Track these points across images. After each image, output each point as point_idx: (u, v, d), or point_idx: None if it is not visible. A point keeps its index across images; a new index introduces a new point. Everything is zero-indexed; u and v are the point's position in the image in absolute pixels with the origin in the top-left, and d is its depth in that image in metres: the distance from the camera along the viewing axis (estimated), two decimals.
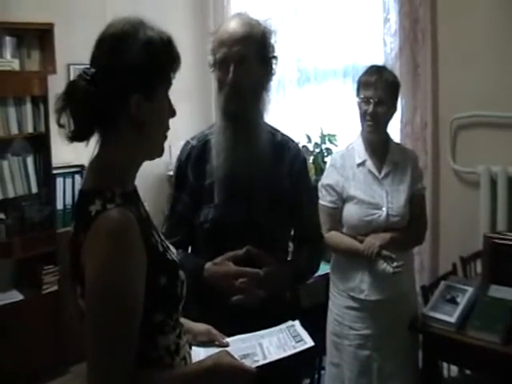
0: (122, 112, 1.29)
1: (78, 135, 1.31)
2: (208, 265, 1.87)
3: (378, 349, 2.59)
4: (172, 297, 1.36)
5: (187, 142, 1.98)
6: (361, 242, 2.52)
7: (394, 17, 3.67)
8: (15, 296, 3.76)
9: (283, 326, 1.73)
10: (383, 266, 2.45)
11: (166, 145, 4.69)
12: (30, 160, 3.82)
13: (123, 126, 1.31)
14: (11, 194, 3.74)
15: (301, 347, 1.58)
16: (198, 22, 4.92)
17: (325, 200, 2.64)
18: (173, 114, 1.39)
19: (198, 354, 1.55)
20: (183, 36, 4.87)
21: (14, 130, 3.74)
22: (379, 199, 2.56)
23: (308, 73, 4.25)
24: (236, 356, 1.48)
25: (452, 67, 3.55)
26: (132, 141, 1.31)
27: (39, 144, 3.85)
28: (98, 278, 1.20)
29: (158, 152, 1.40)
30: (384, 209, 2.54)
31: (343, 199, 2.61)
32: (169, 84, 1.37)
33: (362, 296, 2.58)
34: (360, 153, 2.62)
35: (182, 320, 1.50)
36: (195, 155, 1.94)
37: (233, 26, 1.87)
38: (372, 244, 2.46)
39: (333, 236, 2.62)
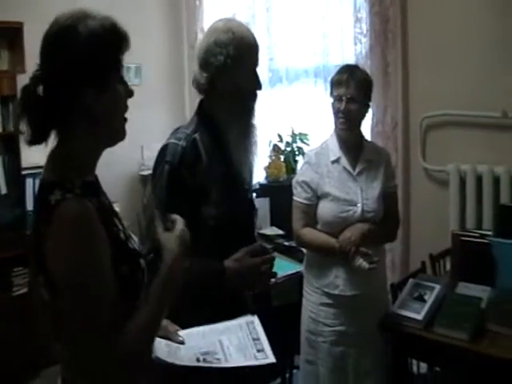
0: (76, 109, 1.28)
1: (35, 139, 1.31)
2: (229, 263, 1.89)
3: (353, 345, 2.60)
4: (133, 285, 1.36)
5: (175, 144, 1.92)
6: (336, 238, 2.54)
7: (364, 16, 3.70)
8: None
9: (242, 320, 1.73)
10: (359, 261, 2.46)
11: (138, 145, 4.68)
12: None
13: (79, 122, 1.29)
14: None
15: (262, 361, 1.59)
16: (170, 23, 4.90)
17: (299, 197, 2.65)
18: (131, 93, 1.37)
19: (160, 343, 1.56)
20: (157, 37, 4.87)
21: None
22: (354, 196, 2.57)
23: (279, 72, 4.25)
24: (197, 353, 1.51)
25: (422, 66, 3.60)
26: (90, 132, 1.31)
27: (8, 144, 3.79)
28: (67, 266, 1.21)
29: (120, 136, 1.38)
30: (359, 205, 2.56)
31: (318, 196, 2.62)
32: (120, 66, 1.34)
33: (336, 291, 2.59)
34: (334, 150, 2.64)
35: None
36: (189, 156, 1.90)
37: (251, 32, 1.98)
38: (349, 242, 2.48)
39: (307, 233, 2.63)
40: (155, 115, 4.74)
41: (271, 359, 1.60)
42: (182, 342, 1.61)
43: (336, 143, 2.65)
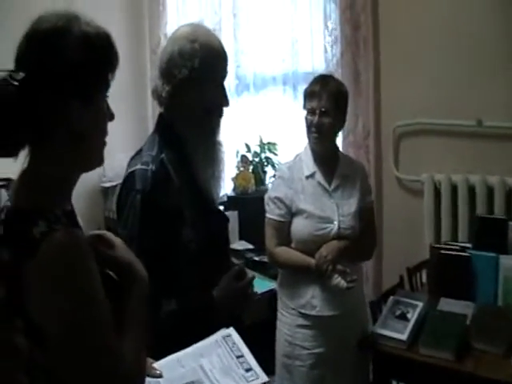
0: (58, 122, 1.13)
1: (4, 151, 1.13)
2: (217, 293, 1.78)
3: (330, 367, 2.48)
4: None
5: (143, 170, 1.73)
6: (312, 257, 2.41)
7: (335, 23, 3.61)
8: None
9: (218, 335, 1.56)
10: (337, 280, 2.35)
11: None
12: None
13: (59, 137, 1.14)
14: None
15: (254, 382, 1.43)
16: (132, 27, 4.72)
17: (273, 213, 2.52)
18: (112, 117, 1.23)
19: None
20: (117, 42, 4.67)
21: None
22: (330, 213, 2.46)
23: (247, 80, 4.12)
24: None
25: (394, 75, 3.52)
26: (69, 153, 1.15)
27: None
28: (64, 315, 1.05)
29: (98, 161, 1.24)
30: (335, 222, 2.45)
31: (292, 213, 2.49)
32: (107, 85, 1.20)
33: (313, 312, 2.47)
34: (308, 165, 2.52)
35: None
36: (160, 180, 1.73)
37: (219, 41, 1.86)
38: (326, 260, 2.36)
39: (281, 252, 2.50)
40: (117, 124, 4.43)
41: (263, 378, 1.46)
42: (159, 376, 1.44)
43: (310, 157, 2.53)
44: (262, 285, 3.13)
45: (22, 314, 1.08)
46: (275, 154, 4.11)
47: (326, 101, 2.43)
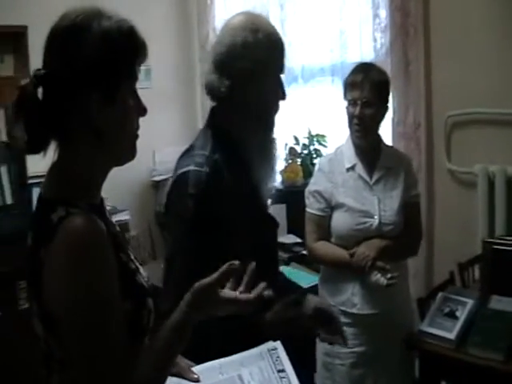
0: (77, 117, 1.13)
1: (33, 147, 1.16)
2: (269, 316, 1.68)
3: (371, 366, 2.43)
4: (137, 325, 1.18)
5: (198, 172, 1.63)
6: (351, 253, 2.35)
7: (384, 11, 3.51)
8: None
9: (264, 347, 1.53)
10: (376, 277, 2.28)
11: (150, 150, 4.52)
12: (3, 170, 3.64)
13: (82, 133, 1.15)
14: None
15: None
16: (180, 22, 4.74)
17: (312, 208, 2.47)
18: (143, 112, 1.21)
19: (170, 382, 1.35)
20: (166, 37, 4.70)
21: None
22: (370, 207, 2.40)
23: (295, 71, 4.06)
24: None
25: (446, 63, 3.38)
26: (93, 148, 1.16)
27: (14, 153, 3.65)
28: (70, 296, 1.04)
29: (128, 156, 1.22)
30: (376, 217, 2.38)
31: (332, 207, 2.43)
32: (133, 79, 1.19)
33: (354, 310, 2.42)
34: (349, 157, 2.46)
35: None
36: (215, 184, 1.62)
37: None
38: (365, 256, 2.29)
39: (320, 246, 2.46)
40: (166, 119, 4.58)
41: None
42: (196, 380, 1.41)
43: (351, 149, 2.46)
44: (306, 279, 3.11)
45: (38, 300, 1.10)
46: (324, 146, 4.04)
47: (369, 91, 2.36)
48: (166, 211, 1.75)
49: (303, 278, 3.09)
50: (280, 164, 4.00)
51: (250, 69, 1.65)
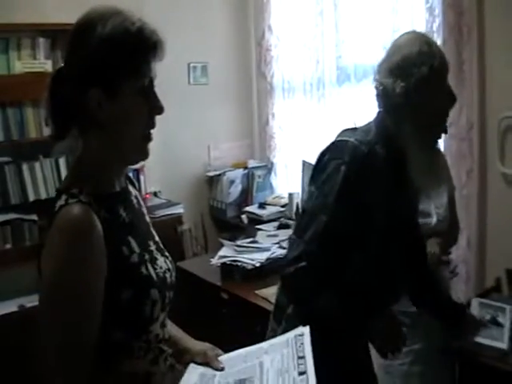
0: (83, 111, 1.23)
1: (56, 134, 1.28)
2: (375, 323, 1.76)
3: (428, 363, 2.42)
4: (136, 315, 1.24)
5: (356, 146, 1.73)
6: None
7: (437, 10, 3.45)
8: None
9: (291, 334, 1.53)
10: (443, 273, 2.31)
11: (205, 146, 4.63)
12: (62, 161, 3.80)
13: (88, 126, 1.25)
14: (43, 196, 3.73)
15: None
16: (237, 20, 4.80)
17: None
18: (159, 110, 1.27)
19: (196, 371, 1.43)
20: (223, 34, 4.77)
21: (46, 132, 3.71)
22: (427, 206, 2.39)
23: (347, 70, 4.04)
24: (231, 381, 1.36)
25: (500, 63, 3.28)
26: (102, 143, 1.24)
27: (71, 145, 3.81)
28: (50, 276, 1.14)
29: (137, 156, 1.29)
30: (434, 216, 2.38)
31: None
32: (140, 77, 1.23)
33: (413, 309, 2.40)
34: None
35: (182, 338, 1.45)
36: (369, 165, 1.72)
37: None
38: (431, 254, 2.30)
39: None
40: (222, 115, 4.66)
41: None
42: (221, 369, 1.45)
43: None
44: None
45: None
46: None
47: None
48: (315, 168, 1.83)
49: None
50: None
51: (427, 74, 1.73)
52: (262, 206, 4.44)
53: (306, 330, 1.52)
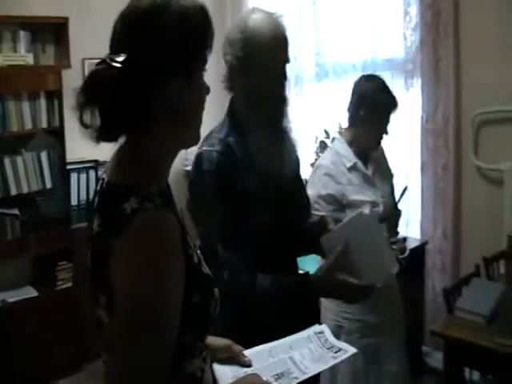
0: (159, 101, 1.10)
1: (107, 134, 1.13)
2: (318, 274, 1.72)
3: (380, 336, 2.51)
4: (205, 317, 1.17)
5: (209, 151, 1.77)
6: None
7: (414, 9, 3.58)
8: (30, 292, 3.74)
9: (310, 331, 1.56)
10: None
11: None
12: (44, 155, 3.78)
13: (162, 117, 1.12)
14: (25, 190, 3.70)
15: (342, 356, 1.44)
16: (215, 19, 4.78)
17: (325, 211, 2.53)
18: (209, 92, 1.19)
19: (224, 373, 1.39)
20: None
21: (28, 125, 3.71)
22: (375, 197, 2.52)
23: (326, 67, 4.14)
24: (269, 377, 1.33)
25: (475, 61, 3.44)
26: (169, 133, 1.14)
27: (54, 139, 3.81)
28: (133, 289, 1.02)
29: (195, 139, 1.23)
30: (381, 205, 2.51)
31: (343, 207, 2.52)
32: (205, 60, 1.17)
33: None
34: (348, 157, 2.55)
35: None
36: (226, 161, 1.76)
37: (273, 27, 1.76)
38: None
39: None
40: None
41: (351, 350, 1.47)
42: (249, 364, 1.43)
43: (348, 149, 2.56)
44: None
45: (106, 290, 1.07)
46: None
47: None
48: (189, 189, 1.89)
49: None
50: (311, 157, 4.09)
51: (230, 63, 1.77)
52: None
53: (324, 328, 1.58)
